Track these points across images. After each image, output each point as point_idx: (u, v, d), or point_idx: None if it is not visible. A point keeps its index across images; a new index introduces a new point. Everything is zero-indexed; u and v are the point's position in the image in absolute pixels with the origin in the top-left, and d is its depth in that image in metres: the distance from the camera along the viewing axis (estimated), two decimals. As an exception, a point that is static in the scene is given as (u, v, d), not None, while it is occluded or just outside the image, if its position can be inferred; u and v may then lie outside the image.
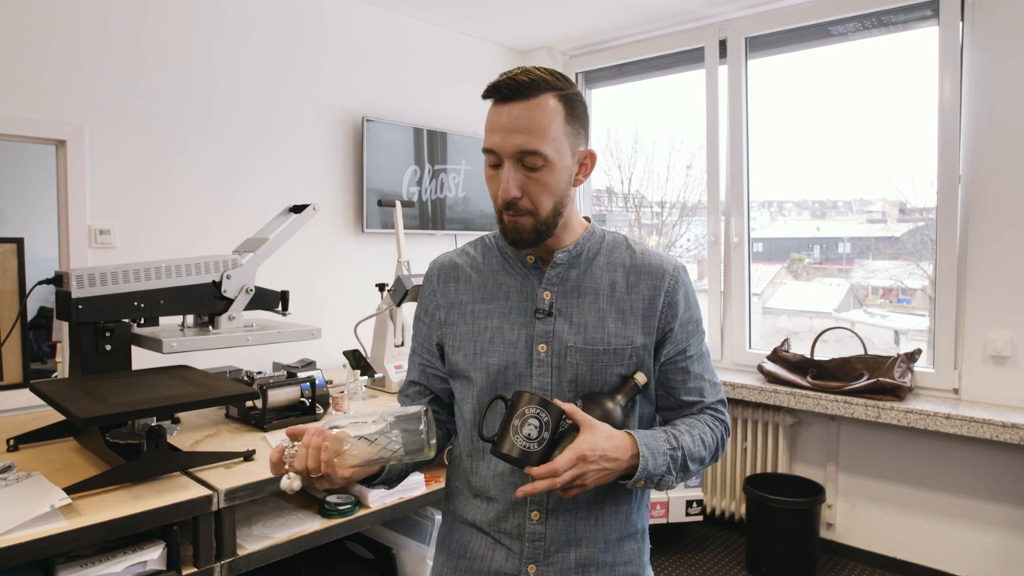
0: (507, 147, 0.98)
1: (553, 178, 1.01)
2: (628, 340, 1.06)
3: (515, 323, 1.07)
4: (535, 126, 0.98)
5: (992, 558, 2.73)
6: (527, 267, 1.10)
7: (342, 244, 3.16)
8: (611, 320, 1.06)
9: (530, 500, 1.05)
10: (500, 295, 1.10)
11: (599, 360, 1.05)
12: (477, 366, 1.07)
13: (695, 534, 3.34)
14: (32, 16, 2.25)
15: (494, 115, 1.01)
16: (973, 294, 2.73)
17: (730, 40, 3.32)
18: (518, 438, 0.95)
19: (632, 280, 1.09)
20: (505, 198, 1.00)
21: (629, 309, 1.08)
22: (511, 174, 0.99)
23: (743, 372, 3.31)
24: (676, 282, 1.10)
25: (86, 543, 1.33)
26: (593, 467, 0.94)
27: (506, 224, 1.04)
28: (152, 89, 2.53)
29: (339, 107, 3.11)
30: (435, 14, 3.37)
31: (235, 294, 1.99)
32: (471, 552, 1.10)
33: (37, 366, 2.35)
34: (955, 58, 2.71)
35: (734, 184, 3.36)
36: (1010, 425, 2.45)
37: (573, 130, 1.03)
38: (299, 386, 2.09)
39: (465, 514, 1.12)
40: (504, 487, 1.06)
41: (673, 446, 1.03)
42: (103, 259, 2.40)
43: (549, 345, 1.05)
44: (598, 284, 1.08)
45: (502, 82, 0.99)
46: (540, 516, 1.05)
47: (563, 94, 1.01)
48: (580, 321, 1.06)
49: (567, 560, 1.05)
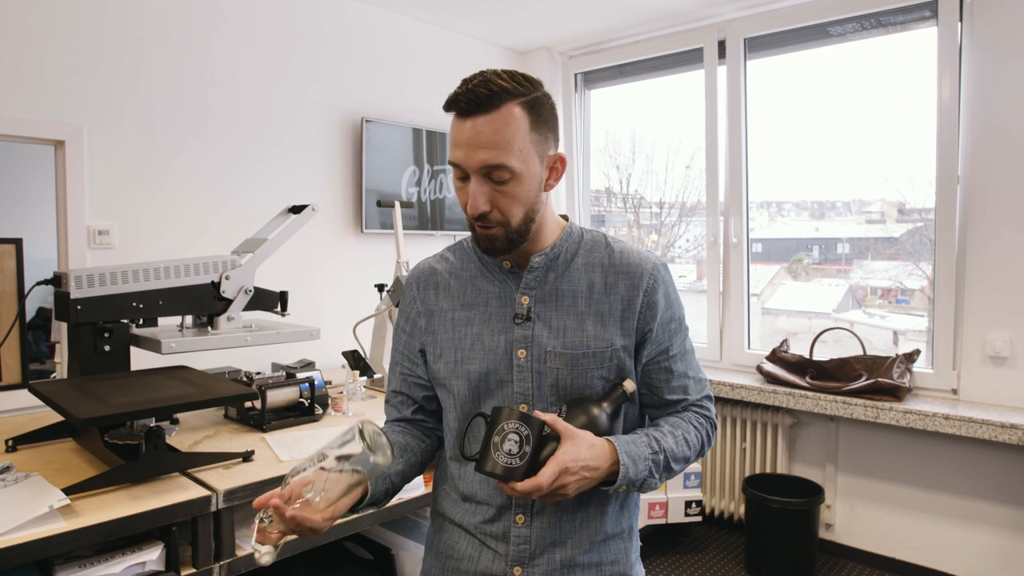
0: (472, 162, 0.97)
1: (522, 189, 0.99)
2: (608, 343, 1.05)
3: (494, 329, 1.06)
4: (499, 139, 0.95)
5: (991, 558, 2.73)
6: (504, 272, 1.09)
7: (341, 245, 3.16)
8: (590, 323, 1.05)
9: (515, 503, 1.05)
10: (479, 301, 1.09)
11: (579, 364, 1.04)
12: (459, 373, 1.07)
13: (694, 534, 3.34)
14: (31, 17, 2.25)
15: (457, 129, 0.98)
16: (972, 294, 2.73)
17: (729, 41, 3.33)
18: (499, 455, 0.95)
19: (611, 280, 1.08)
20: (473, 213, 0.99)
21: (608, 311, 1.06)
22: (478, 188, 0.98)
23: (742, 373, 3.32)
24: (655, 281, 1.08)
25: (85, 544, 1.33)
26: (574, 477, 0.94)
27: (478, 235, 1.03)
28: (151, 90, 2.53)
29: (338, 107, 3.11)
30: (434, 14, 3.37)
31: (234, 295, 1.99)
32: (458, 553, 1.10)
33: (36, 367, 2.35)
34: (954, 59, 2.71)
35: (733, 185, 3.36)
36: (1008, 425, 2.45)
37: (540, 136, 1.00)
38: (298, 387, 2.09)
39: (452, 516, 1.12)
40: (490, 492, 1.06)
41: (655, 450, 1.03)
42: (102, 260, 2.40)
43: (529, 350, 1.04)
44: (576, 286, 1.07)
45: (461, 94, 0.97)
46: (525, 519, 1.05)
47: (526, 100, 0.98)
48: (559, 325, 1.05)
49: (552, 561, 1.05)
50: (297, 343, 2.48)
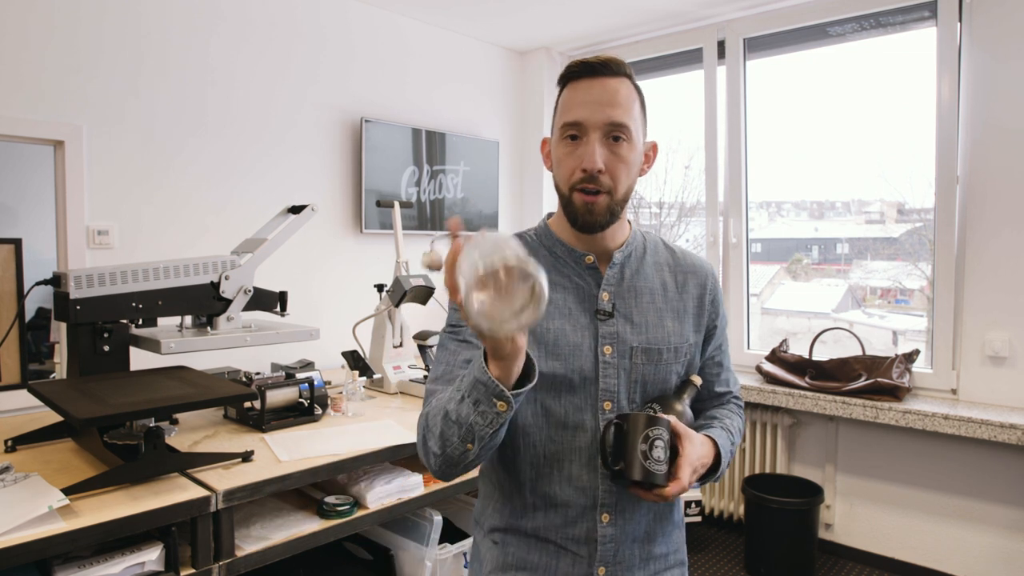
0: (596, 119, 0.98)
1: (633, 156, 1.02)
2: (685, 338, 1.09)
3: (576, 324, 1.04)
4: (624, 101, 1.00)
5: (990, 558, 2.73)
6: (582, 267, 1.07)
7: (340, 245, 3.16)
8: (669, 319, 1.08)
9: (600, 503, 1.03)
10: (556, 295, 1.06)
11: (662, 359, 1.06)
12: (543, 369, 1.02)
13: (694, 535, 3.34)
14: (30, 17, 2.25)
15: (581, 89, 1.00)
16: (971, 295, 2.73)
17: (728, 41, 3.33)
18: (650, 463, 0.95)
19: (680, 280, 1.12)
20: (591, 168, 0.98)
21: (683, 308, 1.10)
22: (597, 147, 0.98)
23: (742, 373, 3.32)
24: (716, 281, 1.16)
25: (84, 544, 1.33)
26: (697, 475, 1.00)
27: (577, 206, 1.01)
28: (150, 90, 2.53)
29: (337, 107, 3.11)
30: (433, 14, 3.37)
31: (233, 295, 1.99)
32: (531, 564, 1.05)
33: (35, 367, 2.35)
34: (953, 59, 2.71)
35: (732, 185, 3.36)
36: (1008, 425, 2.45)
37: (643, 117, 1.05)
38: (297, 387, 2.09)
39: (520, 526, 1.07)
40: (573, 493, 1.04)
41: (733, 442, 1.11)
42: (101, 260, 2.40)
43: (614, 347, 1.04)
44: (652, 284, 1.09)
45: (589, 60, 1.01)
46: (611, 518, 1.04)
47: (636, 83, 1.04)
48: (640, 321, 1.06)
49: (633, 557, 1.06)
50: (296, 343, 2.48)
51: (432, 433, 0.96)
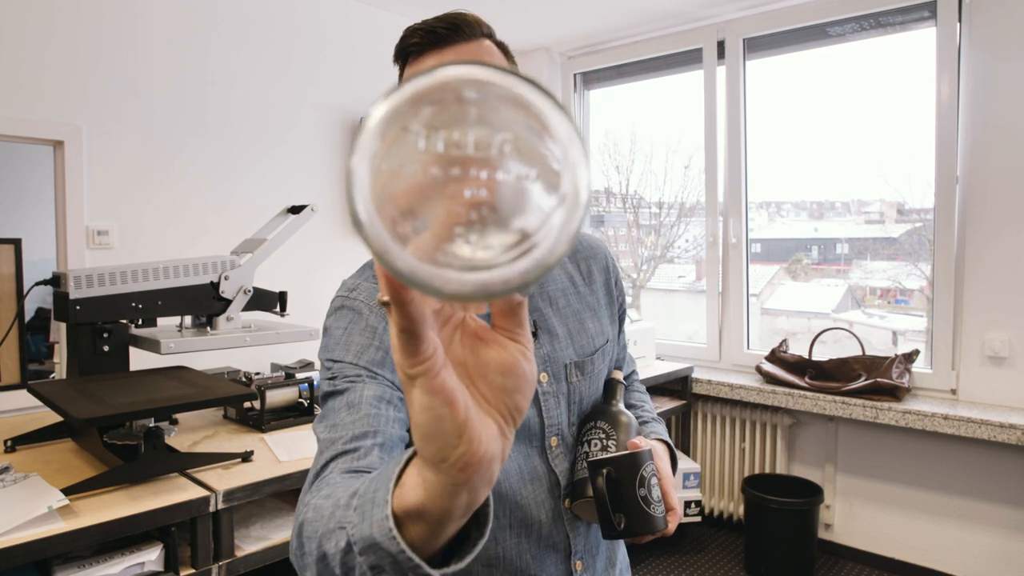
0: None
1: None
2: (606, 335, 0.96)
3: None
4: None
5: (990, 558, 2.73)
6: None
7: (341, 245, 3.16)
8: (588, 319, 0.95)
9: (575, 550, 0.89)
10: None
11: (594, 369, 0.93)
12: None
13: (693, 535, 3.34)
14: (29, 17, 2.25)
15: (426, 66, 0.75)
16: (971, 295, 2.73)
17: (728, 41, 3.33)
18: (652, 507, 0.80)
19: (584, 269, 0.98)
20: None
21: (596, 303, 0.97)
22: None
23: (741, 373, 3.32)
24: (612, 257, 1.02)
25: (84, 544, 1.33)
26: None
27: None
28: (150, 90, 2.52)
29: (337, 107, 3.11)
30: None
31: (233, 295, 1.99)
32: None
33: (35, 367, 2.35)
34: (952, 59, 2.71)
35: (732, 185, 3.36)
36: (1007, 425, 2.45)
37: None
38: (297, 387, 2.09)
39: None
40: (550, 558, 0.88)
41: (665, 428, 1.02)
42: (101, 260, 2.40)
43: (549, 371, 0.89)
44: (561, 283, 0.95)
45: (435, 24, 0.77)
46: (583, 563, 0.90)
47: (497, 41, 0.83)
48: (563, 332, 0.92)
49: None
50: (296, 343, 2.48)
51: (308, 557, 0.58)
